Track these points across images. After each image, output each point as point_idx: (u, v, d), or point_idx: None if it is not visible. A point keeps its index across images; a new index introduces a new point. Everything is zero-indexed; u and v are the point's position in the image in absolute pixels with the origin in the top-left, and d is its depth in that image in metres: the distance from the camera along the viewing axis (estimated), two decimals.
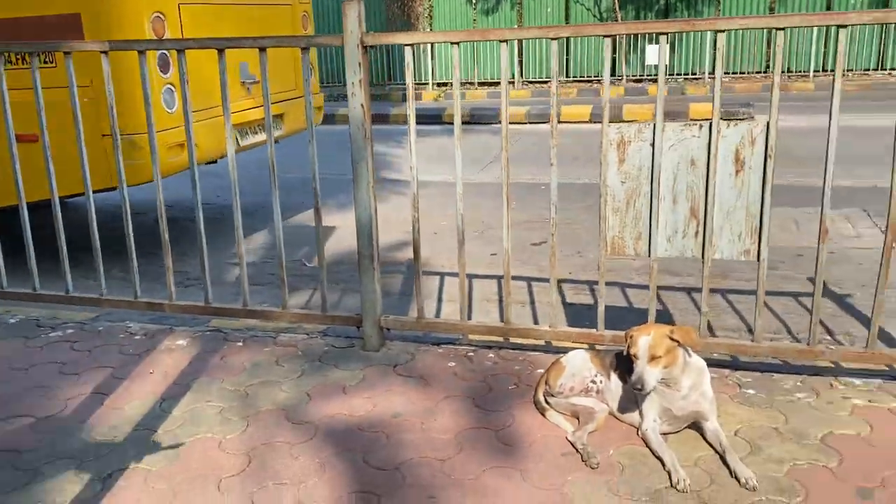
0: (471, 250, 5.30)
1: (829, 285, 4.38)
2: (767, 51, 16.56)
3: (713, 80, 2.61)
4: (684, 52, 16.96)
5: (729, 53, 16.68)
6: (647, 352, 2.36)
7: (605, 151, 2.80)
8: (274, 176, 3.31)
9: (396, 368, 3.10)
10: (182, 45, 3.30)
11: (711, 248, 2.78)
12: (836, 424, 2.54)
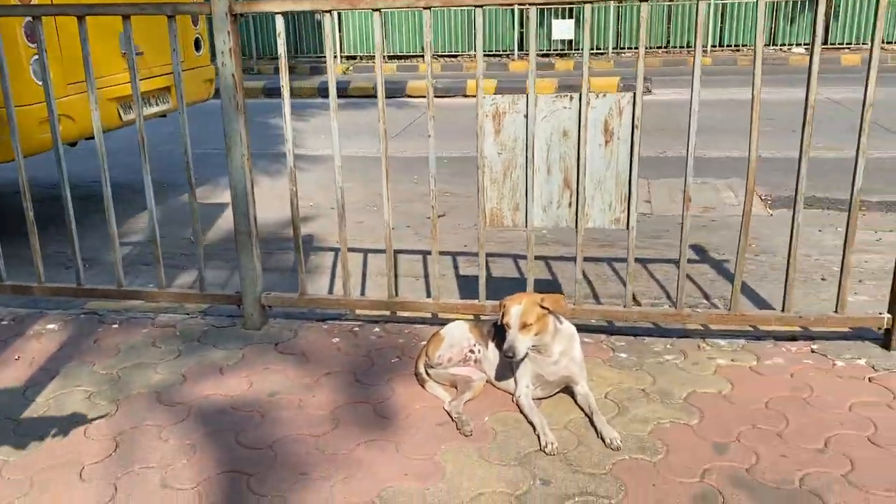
0: (369, 224, 5.28)
1: (709, 251, 4.56)
2: (668, 26, 17.03)
3: (616, 55, 2.63)
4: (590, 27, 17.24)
5: (631, 29, 17.07)
6: (519, 320, 2.40)
7: (481, 123, 2.81)
8: (144, 152, 3.17)
9: (278, 346, 3.04)
10: (35, 12, 3.10)
11: (584, 217, 2.84)
12: (699, 384, 2.65)
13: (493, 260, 4.48)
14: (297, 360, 2.92)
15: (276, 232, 4.88)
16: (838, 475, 2.13)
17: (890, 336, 2.78)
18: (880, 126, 7.86)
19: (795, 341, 2.94)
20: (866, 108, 2.59)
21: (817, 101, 2.75)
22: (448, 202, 5.75)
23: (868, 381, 2.63)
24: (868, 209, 5.22)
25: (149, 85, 5.44)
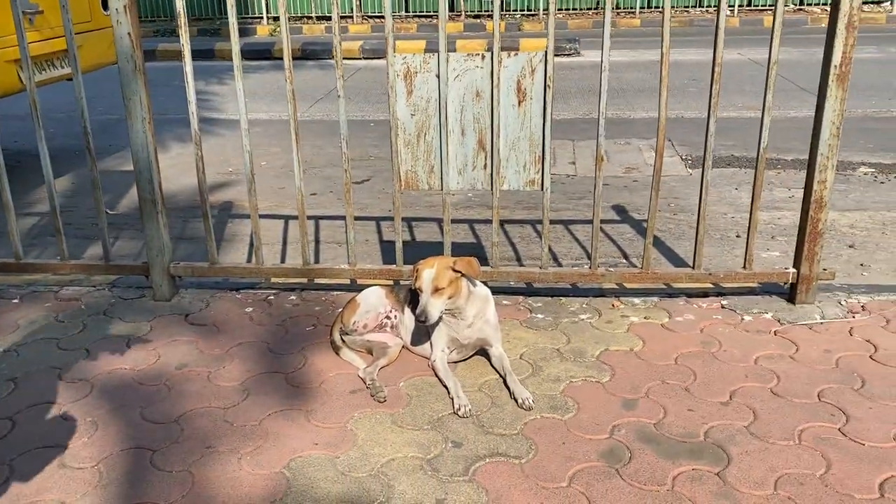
0: (290, 191, 5.15)
1: (630, 212, 4.62)
2: None
3: (547, 17, 2.57)
4: None
5: None
6: (431, 284, 2.37)
7: (393, 83, 2.73)
8: (37, 117, 2.99)
9: (188, 318, 2.95)
10: None
11: (499, 179, 2.81)
12: (612, 342, 2.68)
13: (418, 225, 4.44)
14: (208, 332, 2.83)
15: (193, 198, 4.72)
16: (741, 426, 2.18)
17: (795, 290, 2.86)
18: (797, 86, 8.07)
19: (706, 297, 3.00)
20: (771, 66, 2.61)
21: (741, 62, 2.77)
22: (374, 166, 5.66)
23: (773, 335, 2.70)
24: (783, 167, 5.37)
25: (52, 46, 5.14)
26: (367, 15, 17.25)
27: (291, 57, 2.81)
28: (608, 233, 4.22)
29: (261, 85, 9.25)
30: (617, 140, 6.24)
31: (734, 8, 16.24)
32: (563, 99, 7.93)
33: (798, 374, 2.44)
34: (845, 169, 5.23)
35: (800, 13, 15.75)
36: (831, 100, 2.59)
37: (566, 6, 17.23)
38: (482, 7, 17.15)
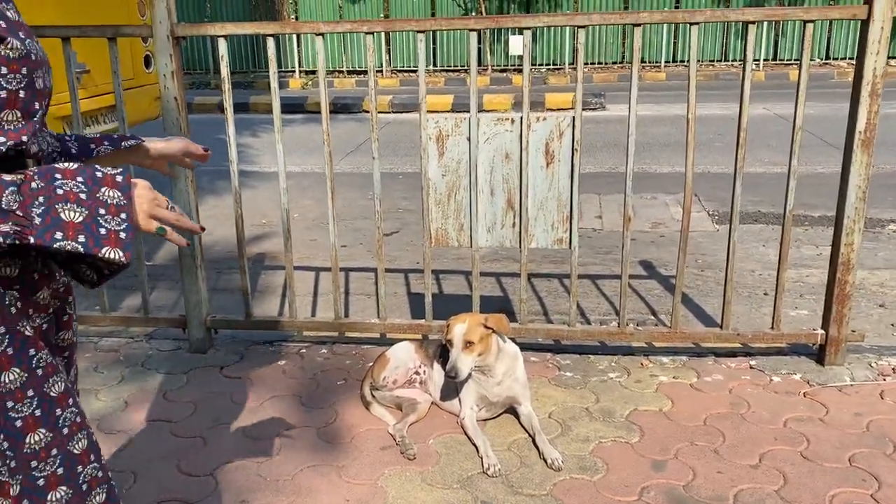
0: (322, 242, 5.26)
1: (657, 267, 4.64)
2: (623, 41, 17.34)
3: (574, 71, 2.67)
4: (546, 43, 17.48)
5: (589, 44, 17.35)
6: (462, 339, 2.42)
7: (425, 145, 2.83)
8: None
9: (223, 370, 3.02)
10: None
11: (527, 237, 2.87)
12: (641, 402, 2.70)
13: (446, 277, 4.50)
14: (243, 384, 2.90)
15: (228, 250, 4.84)
16: (771, 490, 2.18)
17: (824, 351, 2.86)
18: (823, 141, 8.10)
19: (735, 357, 3.01)
20: (796, 131, 2.67)
21: (766, 116, 2.84)
22: (402, 219, 5.76)
23: (802, 396, 2.70)
24: (811, 224, 5.38)
25: (96, 103, 5.37)
26: (397, 69, 17.68)
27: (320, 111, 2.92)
28: (636, 288, 4.24)
29: (293, 138, 9.49)
30: (643, 195, 6.29)
31: (759, 62, 16.40)
32: (588, 153, 8.02)
33: (828, 438, 2.43)
34: (874, 226, 5.22)
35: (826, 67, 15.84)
36: (856, 164, 2.63)
37: (592, 60, 17.50)
38: (508, 61, 17.50)
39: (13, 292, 1.09)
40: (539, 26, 2.78)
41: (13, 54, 1.03)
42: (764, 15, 2.59)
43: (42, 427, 1.12)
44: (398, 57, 17.75)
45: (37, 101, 1.09)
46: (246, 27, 2.81)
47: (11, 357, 1.08)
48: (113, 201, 1.05)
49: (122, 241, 1.05)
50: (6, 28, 1.03)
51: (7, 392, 1.08)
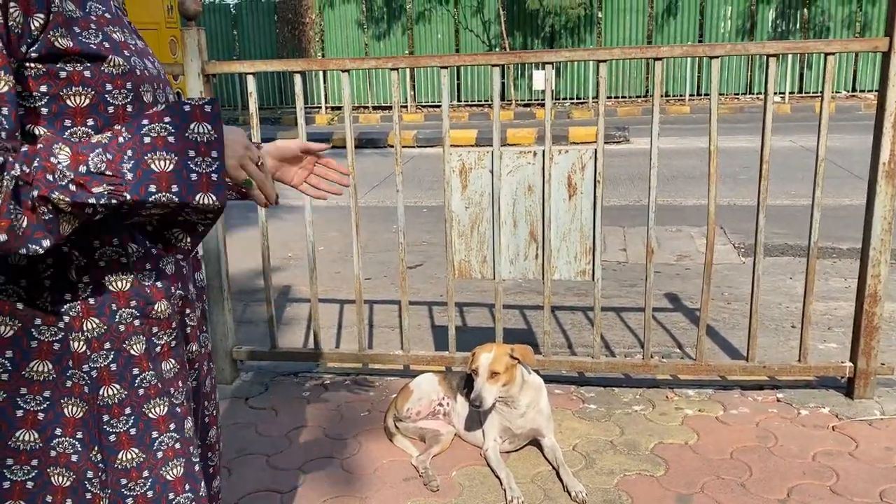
0: (346, 275, 5.30)
1: (683, 300, 4.61)
2: (646, 76, 17.44)
3: (597, 105, 2.71)
4: (570, 78, 17.62)
5: (612, 78, 17.46)
6: (488, 368, 2.42)
7: (448, 178, 2.87)
8: None
9: (248, 401, 3.04)
10: None
11: (550, 269, 2.88)
12: (666, 435, 2.67)
13: (469, 310, 4.51)
14: (267, 415, 2.92)
15: (252, 282, 4.90)
16: None
17: (853, 384, 2.82)
18: (851, 174, 8.04)
19: (762, 390, 2.97)
20: (819, 163, 2.67)
21: (792, 149, 2.85)
22: (426, 252, 5.79)
23: (831, 430, 2.66)
24: (838, 257, 5.32)
25: None
26: (421, 104, 17.90)
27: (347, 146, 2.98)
28: (661, 321, 4.22)
29: None
30: (668, 227, 6.27)
31: (785, 94, 16.36)
32: (612, 186, 8.04)
33: (858, 472, 2.39)
34: None
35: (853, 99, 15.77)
36: (881, 196, 2.62)
37: (615, 94, 17.59)
38: (532, 96, 17.64)
39: (131, 310, 1.10)
40: (561, 61, 2.82)
41: (116, 71, 1.06)
42: (785, 48, 2.61)
43: (135, 446, 1.12)
44: (422, 92, 17.98)
45: None
46: (274, 64, 2.88)
47: (114, 373, 1.10)
48: (203, 138, 1.03)
49: (213, 183, 1.03)
50: (109, 48, 1.06)
51: (104, 405, 1.10)
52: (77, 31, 1.03)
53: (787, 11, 17.69)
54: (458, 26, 18.34)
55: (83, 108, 1.04)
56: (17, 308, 1.07)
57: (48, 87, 1.02)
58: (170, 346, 1.16)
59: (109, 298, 1.09)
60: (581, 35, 18.16)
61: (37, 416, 1.09)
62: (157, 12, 5.62)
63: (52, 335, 1.08)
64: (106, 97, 1.06)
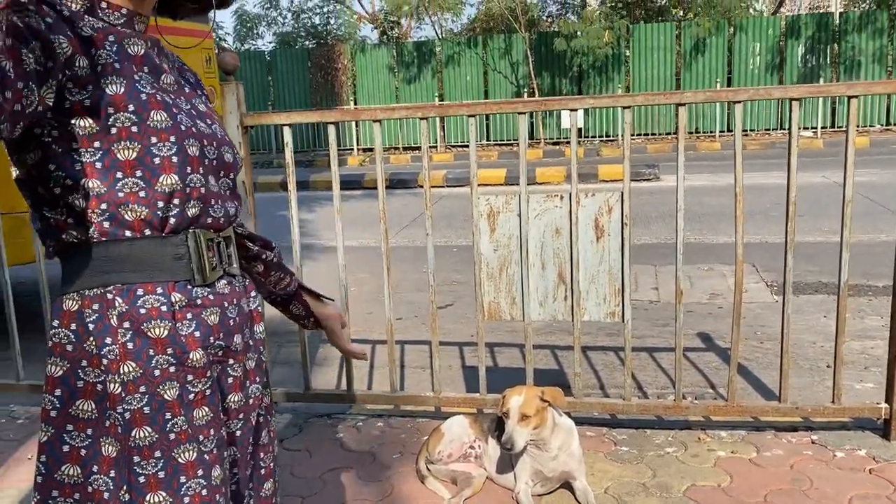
0: (378, 315, 5.36)
1: (716, 339, 4.59)
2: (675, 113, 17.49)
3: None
4: (599, 116, 17.73)
5: (642, 116, 17.53)
6: (518, 411, 2.45)
7: (477, 221, 2.93)
8: None
9: (283, 443, 3.09)
10: None
11: (580, 310, 2.91)
12: (699, 477, 2.66)
13: (500, 350, 4.53)
14: (301, 457, 2.96)
15: (286, 324, 4.97)
16: None
17: (889, 426, 2.78)
18: (887, 209, 7.94)
19: (796, 432, 2.95)
20: (846, 204, 2.68)
21: (825, 185, 2.87)
22: (456, 292, 5.84)
23: (868, 473, 2.62)
24: (874, 294, 5.25)
25: None
26: (451, 144, 18.12)
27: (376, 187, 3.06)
28: (693, 361, 4.20)
29: (351, 213, 9.75)
30: (700, 265, 6.25)
31: (817, 130, 16.27)
32: (643, 224, 8.04)
33: None
34: None
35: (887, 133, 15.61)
36: None
37: (645, 131, 17.64)
38: (561, 134, 17.77)
39: (167, 357, 1.15)
40: (587, 107, 2.89)
41: (160, 125, 1.15)
42: (808, 91, 2.65)
43: (163, 489, 1.15)
44: (452, 133, 18.22)
45: (189, 166, 1.18)
46: (309, 115, 3.01)
47: (146, 416, 1.14)
48: None
49: None
50: (158, 102, 1.16)
51: (136, 447, 1.14)
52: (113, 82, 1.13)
53: (816, 47, 17.69)
54: (487, 68, 18.63)
55: (132, 160, 1.13)
56: (67, 350, 1.15)
57: (100, 143, 1.12)
58: (204, 395, 1.20)
59: (147, 344, 1.15)
60: (609, 74, 18.32)
61: (80, 452, 1.16)
62: (196, 65, 5.85)
63: (96, 376, 1.15)
64: (151, 149, 1.14)
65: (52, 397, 1.16)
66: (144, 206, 1.15)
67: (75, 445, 1.16)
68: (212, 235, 1.24)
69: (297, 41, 21.44)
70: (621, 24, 17.54)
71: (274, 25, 22.02)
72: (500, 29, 19.85)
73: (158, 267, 1.17)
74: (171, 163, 1.16)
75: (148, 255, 1.17)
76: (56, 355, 1.16)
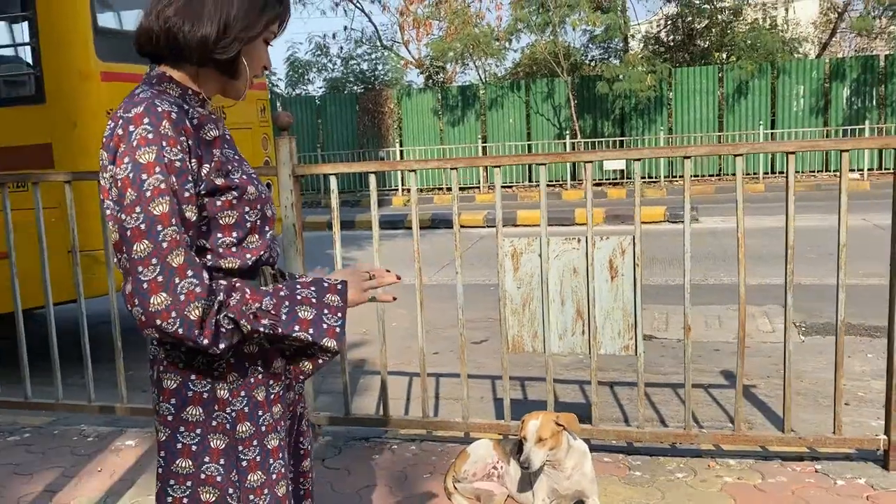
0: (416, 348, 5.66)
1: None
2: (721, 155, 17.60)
3: (669, 184, 3.06)
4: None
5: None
6: (535, 434, 2.71)
7: (502, 261, 3.23)
8: None
9: (325, 461, 3.40)
10: None
11: (596, 344, 3.17)
12: (704, 500, 2.87)
13: (531, 384, 4.77)
14: (341, 474, 3.26)
15: None
16: None
17: (888, 457, 2.96)
18: None
19: (801, 461, 3.13)
20: (841, 248, 2.90)
21: (865, 227, 3.10)
22: (492, 328, 6.10)
23: (865, 499, 2.80)
24: None
25: None
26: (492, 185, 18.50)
27: (421, 226, 3.40)
28: (715, 397, 4.38)
29: (394, 252, 10.16)
30: (730, 306, 6.41)
31: (864, 171, 16.18)
32: (678, 264, 8.21)
33: None
34: None
35: None
36: None
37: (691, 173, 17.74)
38: (603, 175, 18.00)
39: (258, 367, 1.52)
40: (596, 160, 3.20)
41: (251, 197, 1.50)
42: (799, 146, 2.90)
43: (259, 470, 1.51)
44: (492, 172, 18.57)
45: (266, 224, 1.55)
46: (353, 166, 3.36)
47: (247, 414, 1.49)
48: (333, 303, 1.47)
49: (337, 334, 1.46)
50: (246, 180, 1.51)
51: (240, 439, 1.49)
52: (227, 171, 1.48)
53: (861, 89, 17.68)
54: (530, 111, 19.06)
55: (230, 224, 1.49)
56: (179, 367, 1.49)
57: (207, 213, 1.46)
58: (279, 395, 1.55)
59: (244, 359, 1.50)
60: (651, 116, 18.55)
61: (191, 448, 1.48)
62: (251, 114, 6.31)
63: (202, 387, 1.48)
64: (245, 216, 1.50)
65: (167, 405, 1.49)
66: (237, 258, 1.50)
67: (186, 443, 1.48)
68: (273, 270, 1.60)
69: (346, 86, 22.24)
70: (663, 68, 17.82)
71: (324, 71, 22.90)
72: (544, 73, 20.31)
73: None
74: (256, 226, 1.52)
75: None
76: (171, 372, 1.49)
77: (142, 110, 1.39)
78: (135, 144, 1.36)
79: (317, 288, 1.48)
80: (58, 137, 5.02)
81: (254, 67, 1.54)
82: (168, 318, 1.34)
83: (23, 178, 4.22)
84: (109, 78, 5.13)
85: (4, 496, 3.21)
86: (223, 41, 1.45)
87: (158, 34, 1.44)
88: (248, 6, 1.47)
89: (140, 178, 1.35)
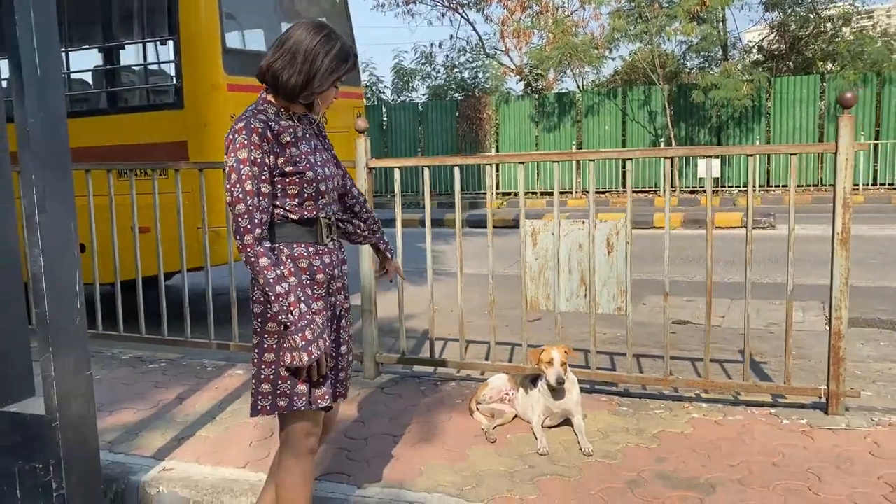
0: (478, 324, 6.55)
1: (753, 355, 5.37)
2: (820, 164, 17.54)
3: (765, 192, 3.88)
4: (736, 165, 18.03)
5: (778, 167, 17.73)
6: (560, 359, 3.56)
7: (524, 238, 4.10)
8: None
9: (384, 390, 4.36)
10: None
11: (595, 305, 3.98)
12: (669, 426, 3.63)
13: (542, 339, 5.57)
14: (395, 398, 4.21)
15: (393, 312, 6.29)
16: (732, 478, 3.05)
17: (828, 403, 3.61)
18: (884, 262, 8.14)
19: (762, 407, 3.82)
20: (790, 248, 3.59)
21: None
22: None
23: (800, 433, 3.48)
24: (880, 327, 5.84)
25: None
26: (586, 190, 19.07)
27: (505, 226, 4.30)
28: (727, 370, 5.05)
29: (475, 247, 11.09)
30: (773, 300, 6.95)
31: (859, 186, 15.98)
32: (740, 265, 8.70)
33: (804, 456, 3.22)
34: None
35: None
36: (838, 258, 3.50)
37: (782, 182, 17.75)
38: (697, 183, 18.24)
39: (307, 276, 2.41)
40: (596, 158, 3.99)
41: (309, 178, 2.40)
42: (757, 150, 3.61)
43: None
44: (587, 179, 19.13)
45: (320, 196, 2.43)
46: (411, 161, 4.30)
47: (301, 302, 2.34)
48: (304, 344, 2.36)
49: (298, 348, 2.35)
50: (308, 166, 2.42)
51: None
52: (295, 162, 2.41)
53: None
54: (626, 118, 19.50)
55: (293, 194, 2.41)
56: (262, 300, 2.41)
57: (280, 186, 2.39)
58: (320, 296, 2.47)
59: (298, 269, 2.43)
60: (749, 125, 18.60)
61: (272, 347, 2.39)
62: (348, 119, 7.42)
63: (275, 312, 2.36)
64: (304, 190, 2.42)
65: (257, 322, 2.44)
66: (298, 213, 2.42)
67: (270, 344, 2.42)
68: (329, 221, 2.52)
69: (447, 93, 23.35)
70: (761, 77, 17.87)
71: (428, 79, 24.10)
72: (641, 81, 20.69)
73: (304, 236, 2.45)
74: (312, 197, 2.44)
75: (299, 231, 2.44)
76: (258, 303, 2.43)
77: (241, 125, 2.34)
78: (237, 146, 2.32)
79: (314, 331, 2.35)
80: (192, 135, 6.27)
81: (325, 104, 2.50)
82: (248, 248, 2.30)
83: (169, 165, 5.42)
84: (234, 88, 6.34)
85: (149, 399, 4.36)
86: (305, 91, 2.39)
87: (267, 75, 2.41)
88: (325, 70, 2.37)
89: (238, 168, 2.30)
